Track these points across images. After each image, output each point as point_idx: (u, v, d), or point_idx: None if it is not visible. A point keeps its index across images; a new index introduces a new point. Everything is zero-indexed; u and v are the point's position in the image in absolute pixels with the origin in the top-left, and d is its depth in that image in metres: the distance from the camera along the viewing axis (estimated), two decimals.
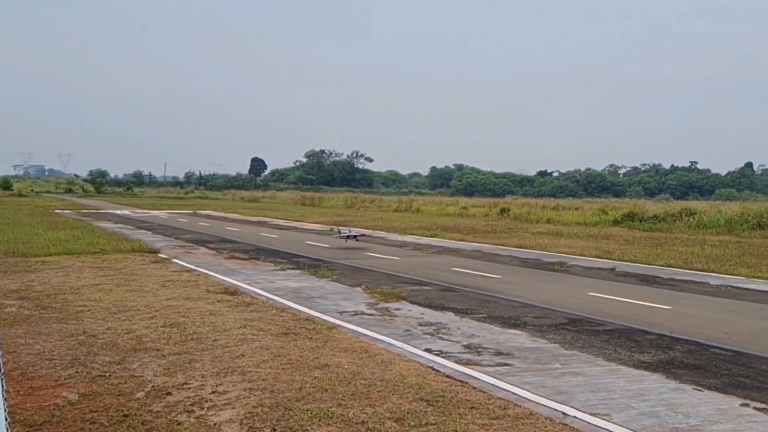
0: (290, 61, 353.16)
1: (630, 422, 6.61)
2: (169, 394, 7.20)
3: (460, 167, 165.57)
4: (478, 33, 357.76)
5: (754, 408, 7.20)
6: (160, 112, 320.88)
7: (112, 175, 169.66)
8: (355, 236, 26.91)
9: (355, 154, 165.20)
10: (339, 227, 31.36)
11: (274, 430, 6.17)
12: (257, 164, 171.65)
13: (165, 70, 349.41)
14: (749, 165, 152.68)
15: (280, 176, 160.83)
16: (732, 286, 16.70)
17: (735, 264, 20.78)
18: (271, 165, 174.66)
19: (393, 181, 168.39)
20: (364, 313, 12.26)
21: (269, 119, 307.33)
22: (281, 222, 44.27)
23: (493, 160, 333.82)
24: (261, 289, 14.90)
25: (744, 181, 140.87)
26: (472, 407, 6.89)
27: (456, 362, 8.84)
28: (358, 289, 15.27)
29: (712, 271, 19.35)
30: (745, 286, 16.78)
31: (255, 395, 7.15)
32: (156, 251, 22.53)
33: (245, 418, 6.48)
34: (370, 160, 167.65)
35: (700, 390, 7.83)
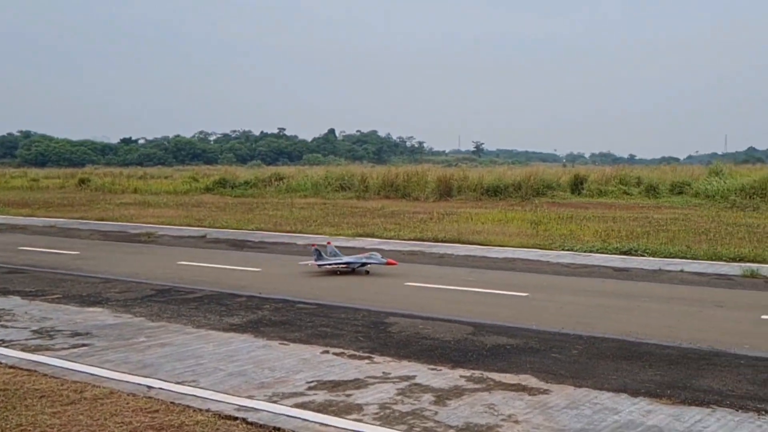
0: None
1: (217, 384, 6.86)
2: None
3: (27, 134, 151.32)
4: None
5: (333, 353, 8.07)
6: None
7: None
8: (364, 264, 14.34)
9: None
10: (317, 246, 14.97)
11: None
12: None
13: None
14: (332, 131, 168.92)
15: None
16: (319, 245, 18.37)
17: (321, 224, 22.99)
18: None
19: None
20: None
21: None
22: None
23: (67, 127, 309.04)
24: None
25: (328, 146, 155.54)
26: (42, 396, 6.43)
27: (23, 350, 8.17)
28: None
29: (300, 232, 21.08)
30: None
31: None
32: None
33: None
34: None
35: (286, 344, 8.48)
